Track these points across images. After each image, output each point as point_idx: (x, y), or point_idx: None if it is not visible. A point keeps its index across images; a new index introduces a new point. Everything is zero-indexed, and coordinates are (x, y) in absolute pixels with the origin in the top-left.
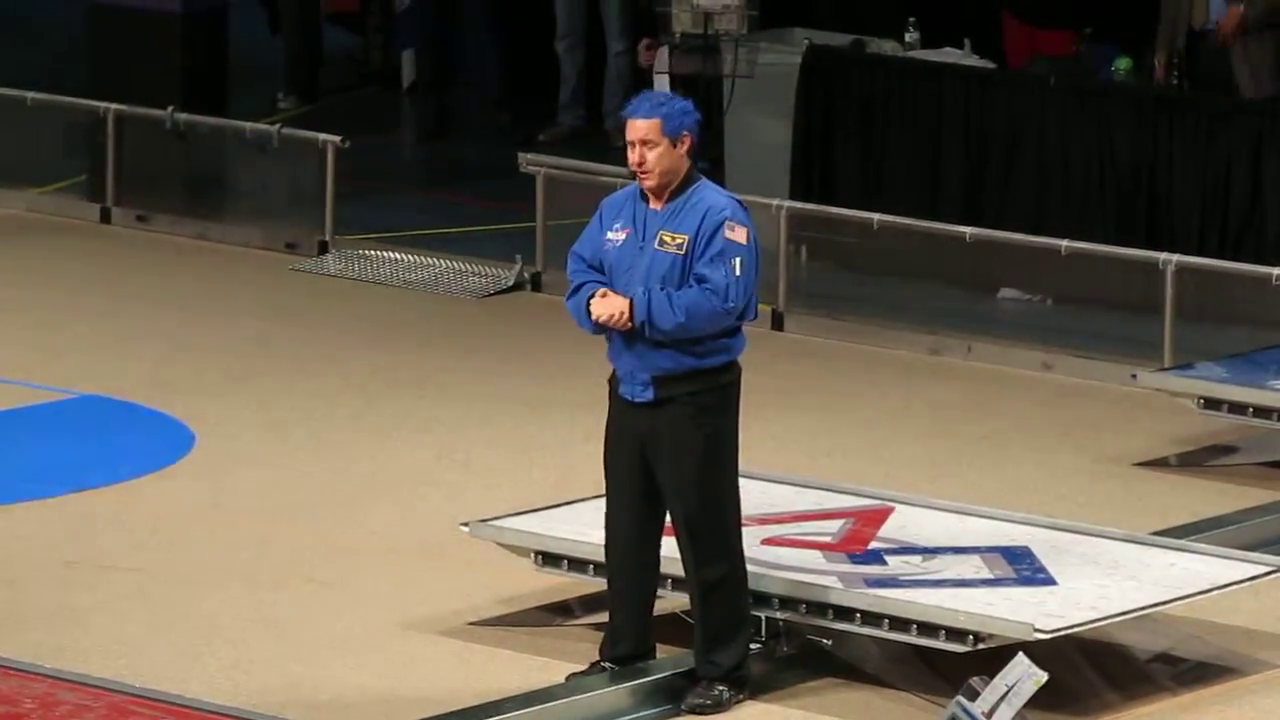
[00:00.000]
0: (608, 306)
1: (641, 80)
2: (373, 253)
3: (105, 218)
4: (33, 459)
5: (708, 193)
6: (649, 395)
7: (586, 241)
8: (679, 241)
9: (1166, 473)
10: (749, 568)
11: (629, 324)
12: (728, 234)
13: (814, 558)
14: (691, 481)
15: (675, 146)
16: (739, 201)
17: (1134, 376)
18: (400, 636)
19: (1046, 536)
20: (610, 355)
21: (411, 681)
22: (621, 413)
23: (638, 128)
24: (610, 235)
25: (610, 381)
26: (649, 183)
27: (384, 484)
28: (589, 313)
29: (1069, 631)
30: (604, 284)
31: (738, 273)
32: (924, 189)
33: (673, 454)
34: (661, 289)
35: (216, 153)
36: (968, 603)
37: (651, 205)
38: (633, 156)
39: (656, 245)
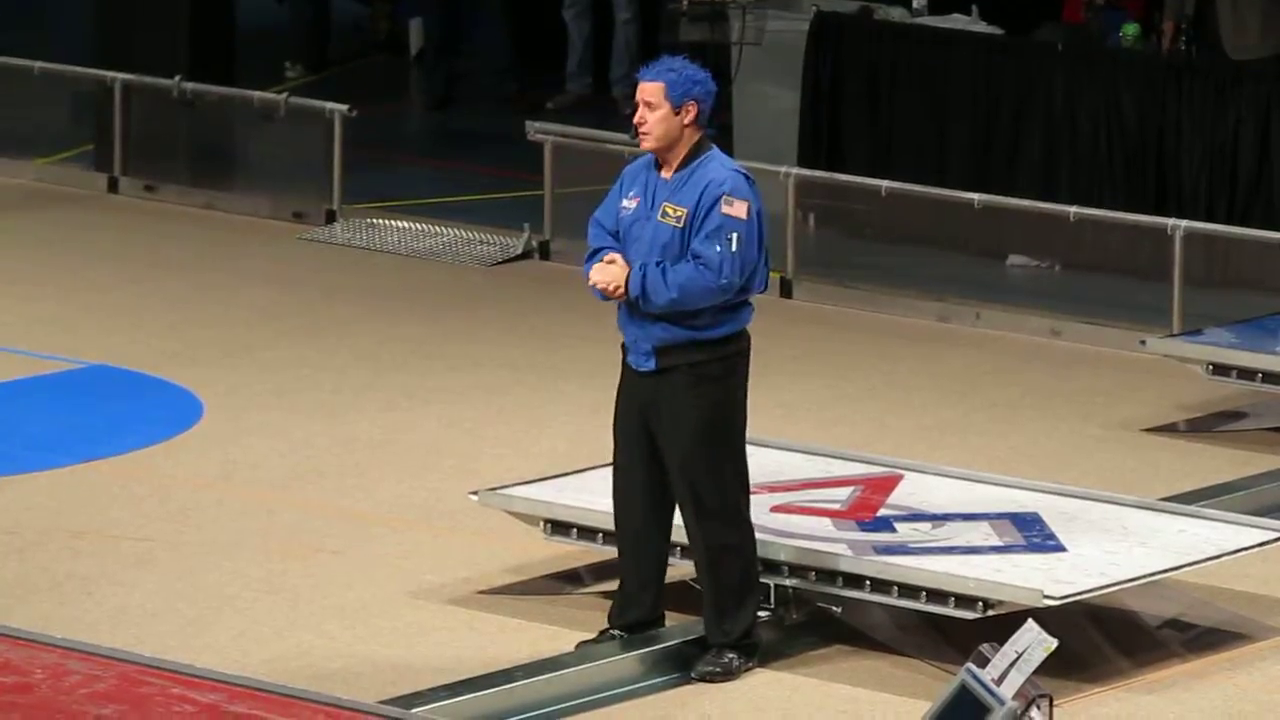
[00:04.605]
0: (605, 274)
1: (648, 48)
2: (380, 221)
3: (113, 187)
4: (41, 429)
5: (712, 165)
6: (651, 365)
7: (607, 207)
8: (678, 214)
9: (1175, 438)
10: (758, 535)
11: (624, 295)
12: (724, 209)
13: (823, 525)
14: (691, 450)
15: (677, 113)
16: (746, 174)
17: (1142, 342)
18: (409, 605)
19: (1055, 503)
20: (618, 324)
21: (421, 650)
22: (628, 380)
23: (643, 89)
24: (625, 203)
25: (622, 348)
26: (646, 144)
27: (393, 453)
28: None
29: (1078, 598)
30: (617, 249)
31: (733, 248)
32: (932, 156)
33: (672, 423)
34: (659, 263)
35: (224, 122)
36: (977, 569)
37: (662, 174)
38: (636, 116)
39: (660, 217)
